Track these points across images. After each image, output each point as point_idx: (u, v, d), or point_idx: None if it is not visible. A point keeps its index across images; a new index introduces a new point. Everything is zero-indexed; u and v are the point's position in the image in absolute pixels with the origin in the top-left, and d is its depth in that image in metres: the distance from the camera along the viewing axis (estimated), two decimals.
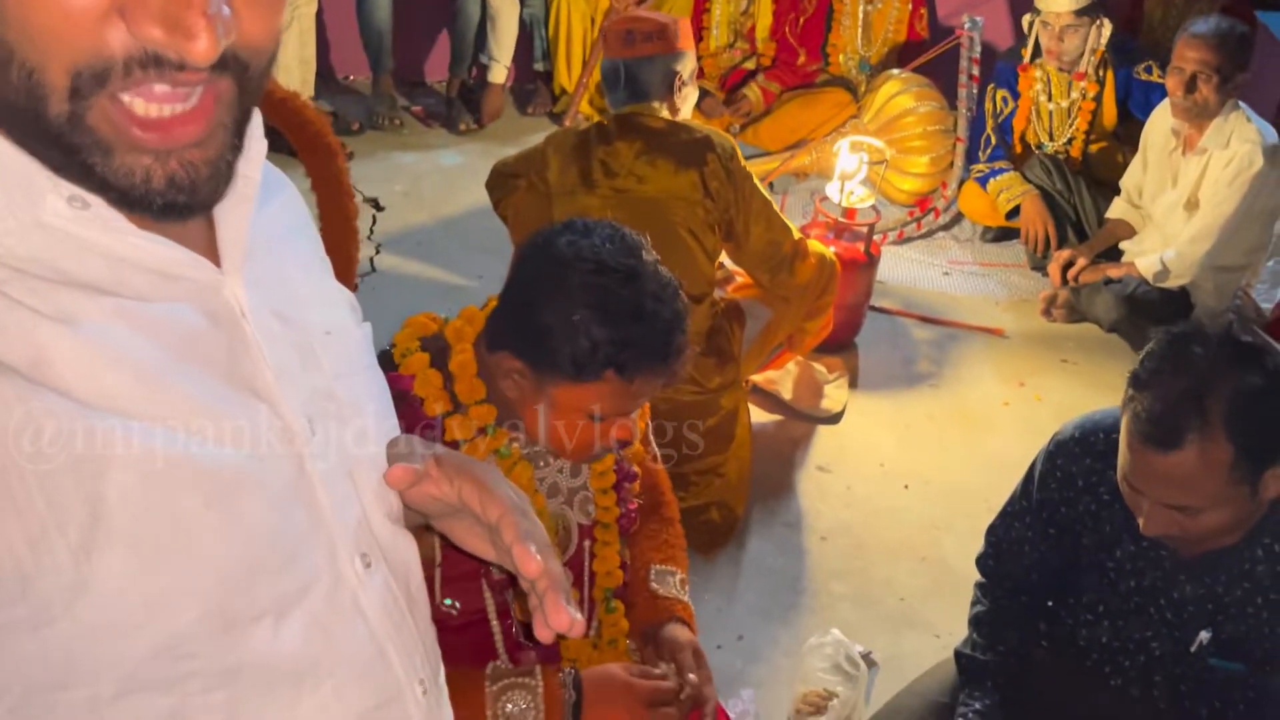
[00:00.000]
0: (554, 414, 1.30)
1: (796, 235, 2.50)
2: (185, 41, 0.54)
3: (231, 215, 0.67)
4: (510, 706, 1.33)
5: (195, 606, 0.62)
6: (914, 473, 2.75)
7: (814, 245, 2.61)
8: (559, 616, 0.73)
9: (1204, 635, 1.55)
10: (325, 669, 0.71)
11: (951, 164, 3.90)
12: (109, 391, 0.59)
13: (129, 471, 0.59)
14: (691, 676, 1.41)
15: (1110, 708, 1.66)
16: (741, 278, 2.65)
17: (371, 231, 3.57)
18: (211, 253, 0.67)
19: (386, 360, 1.35)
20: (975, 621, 1.76)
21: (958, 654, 1.75)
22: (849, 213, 3.02)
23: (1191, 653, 1.58)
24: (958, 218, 3.97)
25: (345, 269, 2.13)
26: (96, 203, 0.59)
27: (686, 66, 2.42)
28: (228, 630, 0.64)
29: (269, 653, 0.67)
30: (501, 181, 2.48)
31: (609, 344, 1.25)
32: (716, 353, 2.49)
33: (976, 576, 1.75)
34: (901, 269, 3.68)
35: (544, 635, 0.75)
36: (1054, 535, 1.67)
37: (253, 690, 0.66)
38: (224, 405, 0.65)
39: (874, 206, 3.09)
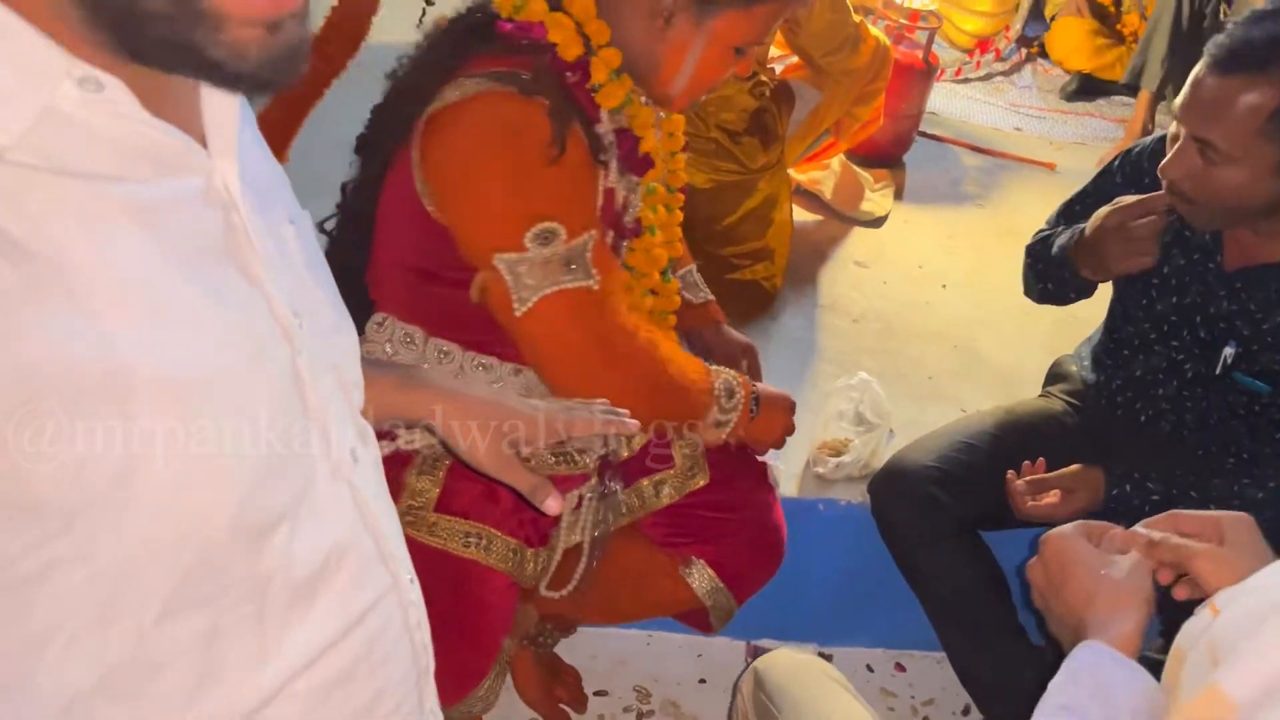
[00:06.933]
0: (707, 48, 1.26)
1: (856, 18, 2.44)
2: None
3: (218, 95, 0.62)
4: (722, 383, 1.40)
5: (226, 519, 0.61)
6: (953, 275, 2.73)
7: (869, 29, 2.56)
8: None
9: (1228, 350, 1.58)
10: (333, 567, 0.71)
11: (1018, 4, 3.80)
12: (122, 299, 0.55)
13: (154, 389, 0.56)
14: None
15: (1142, 449, 1.66)
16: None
17: None
18: (200, 135, 0.63)
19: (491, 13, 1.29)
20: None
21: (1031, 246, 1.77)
22: (912, 15, 2.95)
23: (1218, 374, 1.58)
24: (1019, 65, 3.88)
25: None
26: (111, 84, 0.54)
27: None
28: (255, 539, 0.63)
29: (287, 556, 0.66)
30: None
31: None
32: (761, 132, 2.45)
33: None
34: (956, 104, 3.62)
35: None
36: None
37: (280, 596, 0.67)
38: (226, 306, 0.62)
39: (935, 13, 3.01)
